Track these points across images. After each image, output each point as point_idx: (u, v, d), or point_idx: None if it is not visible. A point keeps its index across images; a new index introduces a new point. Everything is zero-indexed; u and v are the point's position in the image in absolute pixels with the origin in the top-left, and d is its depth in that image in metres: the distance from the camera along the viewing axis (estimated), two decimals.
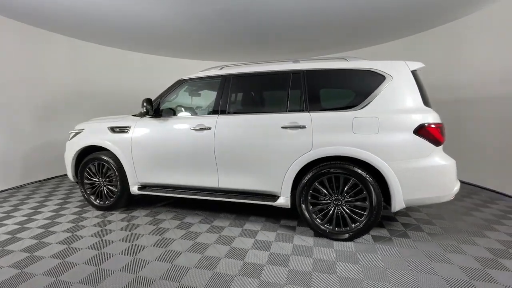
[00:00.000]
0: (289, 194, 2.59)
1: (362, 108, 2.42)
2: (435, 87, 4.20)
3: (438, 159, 2.29)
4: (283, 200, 2.62)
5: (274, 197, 2.68)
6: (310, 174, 2.49)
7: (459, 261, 2.14)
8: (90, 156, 3.28)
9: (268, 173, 2.64)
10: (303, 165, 2.50)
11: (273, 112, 2.70)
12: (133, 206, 3.52)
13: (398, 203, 2.32)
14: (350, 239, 2.47)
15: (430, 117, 2.29)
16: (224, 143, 2.73)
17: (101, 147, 3.28)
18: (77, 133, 3.39)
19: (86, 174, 3.34)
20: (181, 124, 2.93)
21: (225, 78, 2.89)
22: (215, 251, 2.34)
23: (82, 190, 3.39)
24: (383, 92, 2.40)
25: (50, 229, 2.84)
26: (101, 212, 3.33)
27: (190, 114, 3.24)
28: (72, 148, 3.37)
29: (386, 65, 2.46)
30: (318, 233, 2.55)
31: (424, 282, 1.88)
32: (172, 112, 3.13)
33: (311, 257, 2.22)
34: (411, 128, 2.28)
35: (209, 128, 2.79)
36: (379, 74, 2.45)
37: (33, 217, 3.16)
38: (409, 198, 2.31)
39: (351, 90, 2.56)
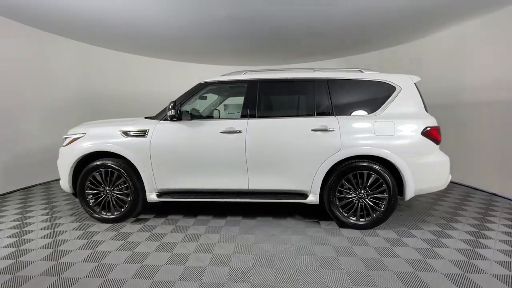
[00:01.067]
0: (318, 192, 2.84)
1: (380, 113, 2.82)
2: (440, 91, 4.74)
3: (439, 156, 2.83)
4: (313, 198, 2.85)
5: (304, 195, 2.89)
6: (338, 171, 2.78)
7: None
8: (94, 163, 2.96)
9: (299, 173, 2.83)
10: (332, 164, 2.78)
11: (301, 116, 2.91)
12: (139, 216, 3.29)
13: (410, 192, 2.78)
14: (371, 227, 2.85)
15: (432, 121, 2.82)
16: (255, 146, 2.82)
17: (108, 152, 3.00)
18: (76, 138, 3.02)
19: (88, 183, 3.00)
20: (209, 127, 2.91)
21: (252, 83, 2.98)
22: (271, 248, 2.43)
23: (83, 201, 3.02)
24: (395, 100, 2.85)
25: (61, 248, 2.49)
26: (108, 224, 3.02)
27: (213, 117, 3.22)
28: (70, 155, 2.98)
29: (395, 77, 2.93)
30: (344, 224, 2.85)
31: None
32: (192, 115, 3.07)
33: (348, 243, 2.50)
34: (419, 130, 2.77)
35: (240, 131, 2.84)
36: (391, 85, 2.89)
37: (26, 235, 2.69)
38: (418, 188, 2.79)
39: (369, 98, 2.95)
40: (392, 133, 2.76)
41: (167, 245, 2.53)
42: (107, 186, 3.02)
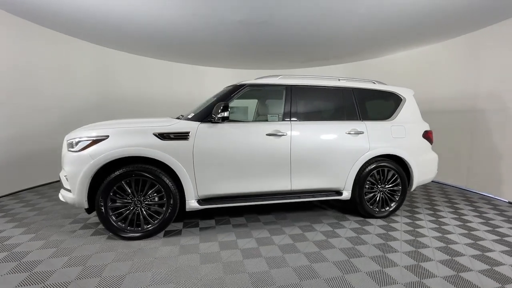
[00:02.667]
0: (351, 188, 3.17)
1: (394, 119, 3.37)
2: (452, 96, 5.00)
3: (432, 154, 3.57)
4: (347, 194, 3.17)
5: (338, 192, 3.18)
6: (367, 170, 3.18)
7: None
8: (122, 170, 2.53)
9: (336, 172, 3.11)
10: (362, 163, 3.16)
11: (335, 120, 3.20)
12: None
13: (415, 184, 3.41)
14: (388, 216, 3.35)
15: (428, 126, 3.54)
16: (299, 148, 2.96)
17: (137, 157, 2.63)
18: (95, 141, 2.51)
19: (112, 194, 2.54)
20: (255, 129, 2.89)
21: (290, 88, 3.11)
22: (341, 243, 2.58)
23: (105, 217, 2.54)
24: (403, 109, 3.45)
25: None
26: (137, 240, 2.62)
27: (253, 119, 3.16)
28: (87, 162, 2.46)
29: (401, 89, 3.55)
30: (368, 214, 3.27)
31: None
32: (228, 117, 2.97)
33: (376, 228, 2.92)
34: (421, 133, 3.44)
35: (285, 134, 2.92)
36: (399, 95, 3.49)
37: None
38: (420, 180, 3.45)
39: (385, 106, 3.46)
40: (404, 135, 3.33)
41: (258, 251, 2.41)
42: (136, 197, 2.62)
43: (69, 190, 2.56)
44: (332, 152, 3.07)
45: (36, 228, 2.90)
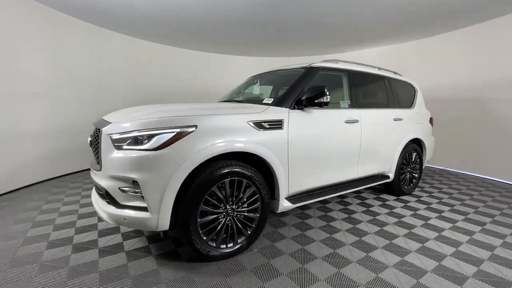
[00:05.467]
0: (394, 171, 3.42)
1: (414, 108, 3.79)
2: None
3: (433, 137, 4.23)
4: (392, 176, 3.40)
5: (386, 176, 3.37)
6: (403, 153, 3.49)
7: None
8: (220, 172, 1.90)
9: (387, 157, 3.28)
10: (403, 147, 3.44)
11: (383, 107, 3.33)
12: None
13: (425, 162, 3.99)
14: (410, 192, 3.80)
15: (430, 113, 4.16)
16: (368, 135, 2.96)
17: (232, 154, 2.04)
18: (181, 134, 1.77)
19: (203, 205, 1.89)
20: (336, 116, 2.70)
21: (352, 74, 3.02)
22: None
23: (196, 234, 1.87)
24: (418, 99, 3.92)
25: None
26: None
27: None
28: (178, 165, 1.74)
29: (413, 81, 4.00)
30: (402, 193, 3.63)
31: None
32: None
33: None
34: (428, 119, 4.01)
35: (357, 121, 2.85)
36: (413, 86, 3.94)
37: None
38: (427, 159, 4.06)
39: (408, 95, 3.83)
40: (421, 122, 3.82)
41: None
42: (229, 204, 2.03)
43: (137, 208, 1.75)
44: (387, 137, 3.22)
45: None
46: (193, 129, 1.82)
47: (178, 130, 1.78)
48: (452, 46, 5.23)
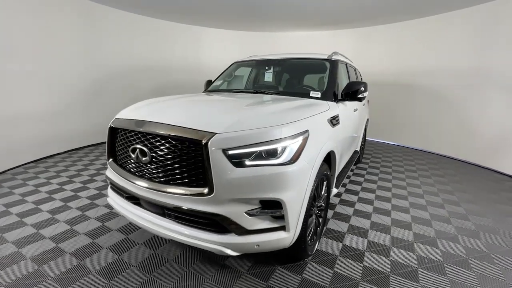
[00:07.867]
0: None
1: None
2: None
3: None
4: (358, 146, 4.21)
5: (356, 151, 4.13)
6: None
7: None
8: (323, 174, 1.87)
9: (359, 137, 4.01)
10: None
11: None
12: None
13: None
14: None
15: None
16: (361, 120, 3.58)
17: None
18: (304, 141, 1.60)
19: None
20: (352, 106, 3.06)
21: (348, 66, 3.40)
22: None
23: (306, 241, 1.82)
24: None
25: None
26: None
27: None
28: (309, 178, 1.62)
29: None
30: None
31: None
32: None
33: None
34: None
35: (356, 109, 3.32)
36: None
37: None
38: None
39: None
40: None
41: None
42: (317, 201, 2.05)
43: (269, 230, 1.53)
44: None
45: None
46: (307, 134, 1.69)
47: (301, 137, 1.61)
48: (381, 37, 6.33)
